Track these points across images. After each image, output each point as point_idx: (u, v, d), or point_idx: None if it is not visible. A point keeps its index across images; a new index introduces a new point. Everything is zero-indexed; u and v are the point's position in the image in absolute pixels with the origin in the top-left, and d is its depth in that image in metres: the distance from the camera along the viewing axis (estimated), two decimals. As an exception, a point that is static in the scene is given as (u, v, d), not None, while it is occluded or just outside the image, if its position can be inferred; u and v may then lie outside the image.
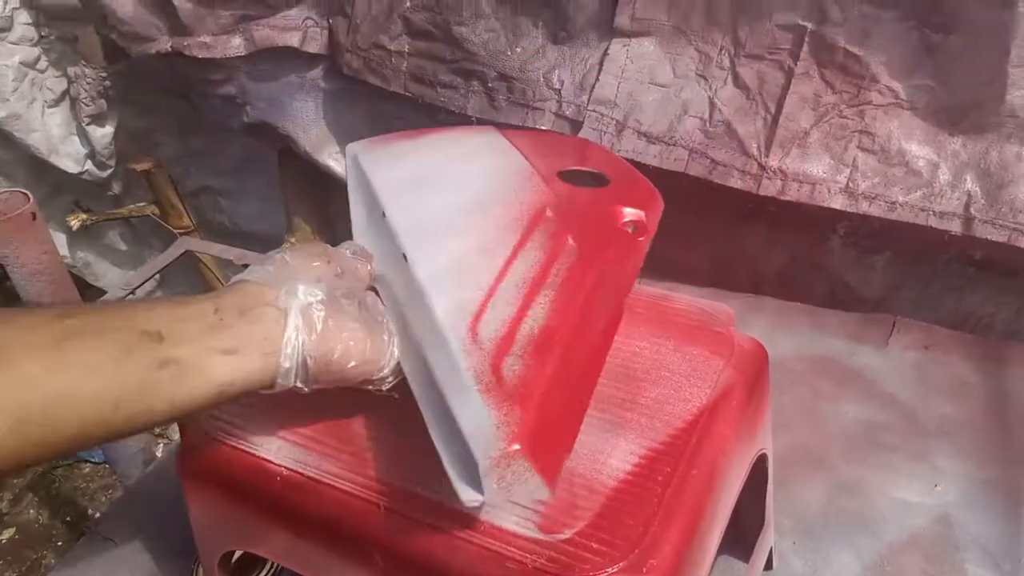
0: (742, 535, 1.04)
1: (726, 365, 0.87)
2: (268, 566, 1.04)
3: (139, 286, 1.80)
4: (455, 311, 0.73)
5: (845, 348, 1.40)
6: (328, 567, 0.81)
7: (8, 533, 2.22)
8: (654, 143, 1.35)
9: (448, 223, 0.83)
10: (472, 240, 0.80)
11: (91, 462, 2.39)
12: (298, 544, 0.81)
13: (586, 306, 0.76)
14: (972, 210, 1.23)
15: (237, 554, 1.04)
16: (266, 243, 1.98)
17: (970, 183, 1.23)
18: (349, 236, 1.89)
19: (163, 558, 1.20)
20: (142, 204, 1.95)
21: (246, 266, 1.78)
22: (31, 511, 2.27)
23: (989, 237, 1.23)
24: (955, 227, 1.24)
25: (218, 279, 2.10)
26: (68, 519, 2.26)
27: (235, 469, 0.82)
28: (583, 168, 0.96)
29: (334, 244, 1.93)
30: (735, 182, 1.32)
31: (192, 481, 0.86)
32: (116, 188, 1.93)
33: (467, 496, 0.64)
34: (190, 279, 2.19)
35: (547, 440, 0.66)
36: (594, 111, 1.37)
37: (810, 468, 1.22)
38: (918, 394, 1.32)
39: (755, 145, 1.30)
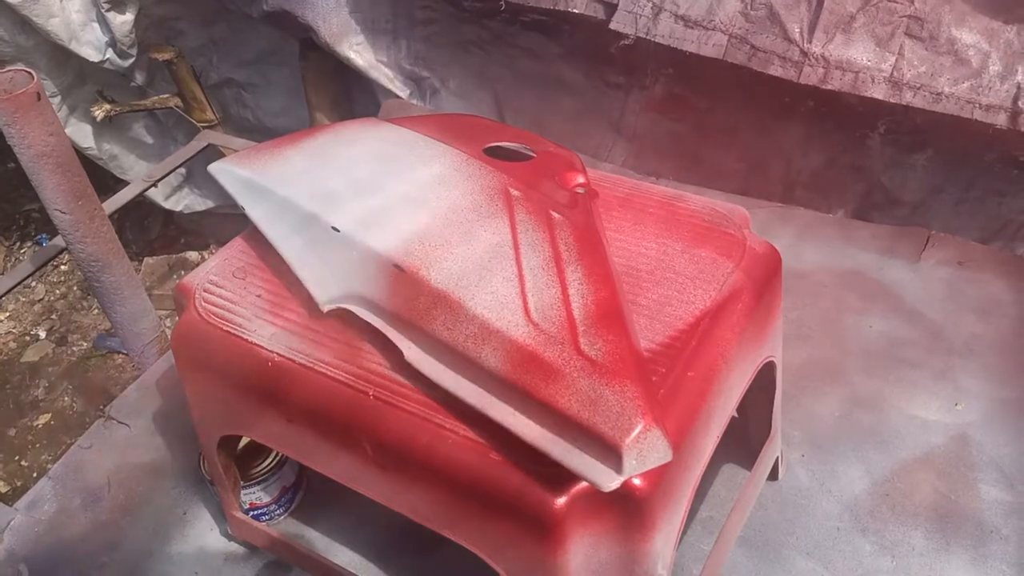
0: (748, 444, 1.02)
1: (735, 268, 0.83)
2: (273, 454, 1.05)
3: (161, 179, 1.79)
4: (499, 306, 0.70)
5: (875, 262, 1.35)
6: (318, 453, 0.81)
7: (44, 419, 2.28)
8: (692, 27, 1.28)
9: (424, 224, 0.78)
10: (458, 234, 0.76)
11: (123, 353, 2.44)
12: (289, 430, 0.81)
13: (607, 269, 0.74)
14: (1021, 103, 1.16)
15: (244, 442, 1.05)
16: (290, 139, 1.95)
17: (1021, 75, 1.16)
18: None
19: (173, 442, 1.22)
20: (165, 96, 1.92)
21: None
22: (65, 398, 2.33)
23: (1037, 132, 1.16)
24: (1001, 121, 1.18)
25: (244, 175, 2.08)
26: (101, 407, 2.32)
27: (228, 354, 0.81)
28: (503, 144, 0.91)
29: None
30: (775, 70, 1.25)
31: (187, 364, 0.86)
32: (140, 79, 1.90)
33: (607, 480, 0.62)
34: (216, 175, 2.18)
35: (656, 402, 0.65)
36: (628, -5, 1.31)
37: (826, 381, 1.19)
38: (947, 311, 1.27)
39: (798, 30, 1.23)
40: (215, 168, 0.93)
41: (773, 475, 1.07)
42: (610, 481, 0.61)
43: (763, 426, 0.99)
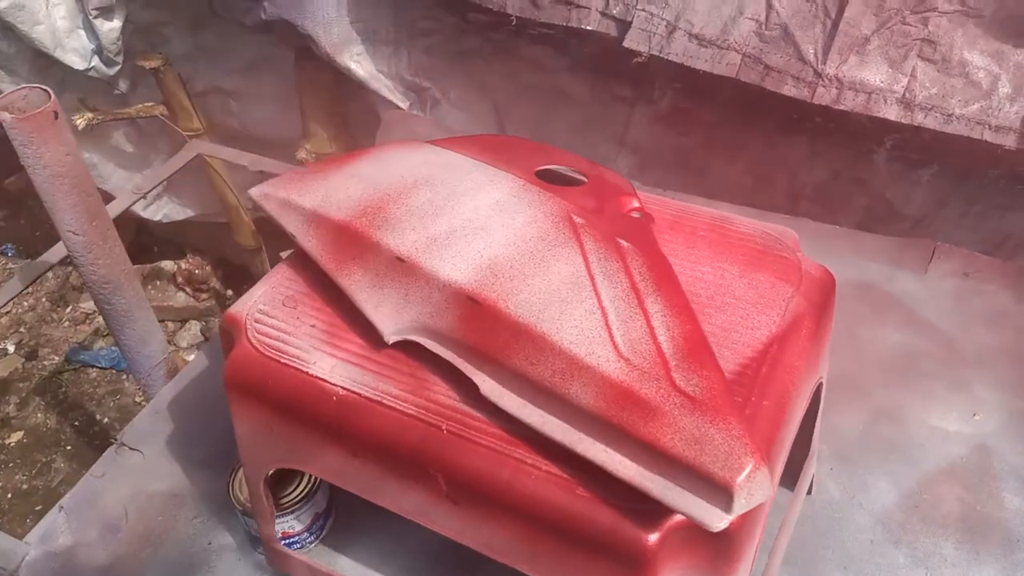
0: (789, 463, 1.03)
1: (795, 293, 0.84)
2: (306, 482, 1.03)
3: (150, 191, 1.75)
4: (585, 340, 0.69)
5: (884, 273, 1.37)
6: (383, 488, 0.80)
7: (16, 436, 2.20)
8: (706, 46, 1.29)
9: (493, 254, 0.77)
10: (530, 264, 0.75)
11: (97, 367, 2.37)
12: (352, 464, 0.79)
13: (685, 299, 0.74)
14: None
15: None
16: (278, 149, 1.91)
17: (1030, 96, 1.20)
18: (366, 145, 1.83)
19: (190, 468, 1.19)
20: (150, 104, 1.86)
21: (260, 173, 1.74)
22: (39, 415, 2.25)
23: (1044, 153, 1.20)
24: (1010, 142, 1.21)
25: (227, 185, 2.03)
26: (76, 424, 2.25)
27: (287, 387, 0.79)
28: (555, 167, 0.91)
29: (350, 151, 1.86)
30: (788, 89, 1.27)
31: (240, 397, 0.83)
32: (123, 86, 1.84)
33: (714, 520, 0.62)
34: (198, 185, 2.12)
35: (758, 439, 0.65)
36: (643, 11, 1.30)
37: (849, 394, 1.21)
38: (957, 322, 1.30)
39: (812, 51, 1.24)
40: (258, 193, 0.91)
41: (808, 491, 1.08)
42: (719, 521, 0.61)
43: (804, 444, 1.00)
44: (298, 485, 1.03)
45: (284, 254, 1.49)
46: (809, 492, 1.09)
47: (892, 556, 1.04)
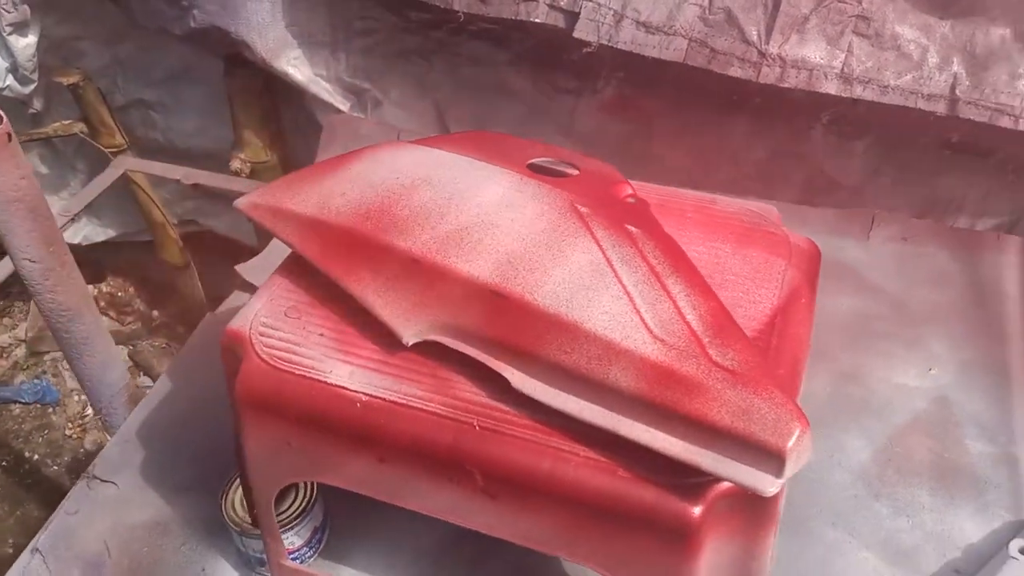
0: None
1: (787, 265, 0.87)
2: (303, 496, 1.01)
3: (78, 212, 1.67)
4: (618, 325, 0.70)
5: (830, 243, 1.43)
6: (412, 490, 0.79)
7: (-68, 482, 2.08)
8: (653, 33, 1.32)
9: (508, 248, 0.77)
10: (548, 255, 0.76)
11: (20, 402, 2.24)
12: (379, 470, 0.78)
13: (702, 277, 0.77)
14: (957, 92, 1.27)
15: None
16: (207, 160, 1.86)
17: (956, 65, 1.28)
18: (304, 152, 1.80)
19: (172, 495, 1.14)
20: (68, 122, 1.78)
21: (196, 186, 1.69)
22: (-44, 458, 2.13)
23: (972, 117, 1.28)
24: (941, 108, 1.29)
25: (153, 201, 1.96)
26: (3, 463, 2.13)
27: (305, 398, 0.78)
28: (544, 160, 0.92)
29: (288, 160, 1.83)
30: (735, 71, 1.31)
31: (254, 414, 0.81)
32: (37, 105, 1.75)
33: (767, 485, 0.64)
34: (119, 203, 2.04)
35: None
36: (591, 1, 1.33)
37: (814, 359, 1.25)
38: (903, 284, 1.37)
39: (755, 32, 1.29)
40: (246, 204, 0.88)
41: (793, 454, 1.13)
42: (771, 486, 0.63)
43: (792, 410, 1.05)
44: (295, 500, 1.01)
45: (240, 267, 1.46)
46: (792, 456, 1.14)
47: (875, 508, 1.09)
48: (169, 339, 2.38)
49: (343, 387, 0.77)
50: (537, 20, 1.35)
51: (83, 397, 2.21)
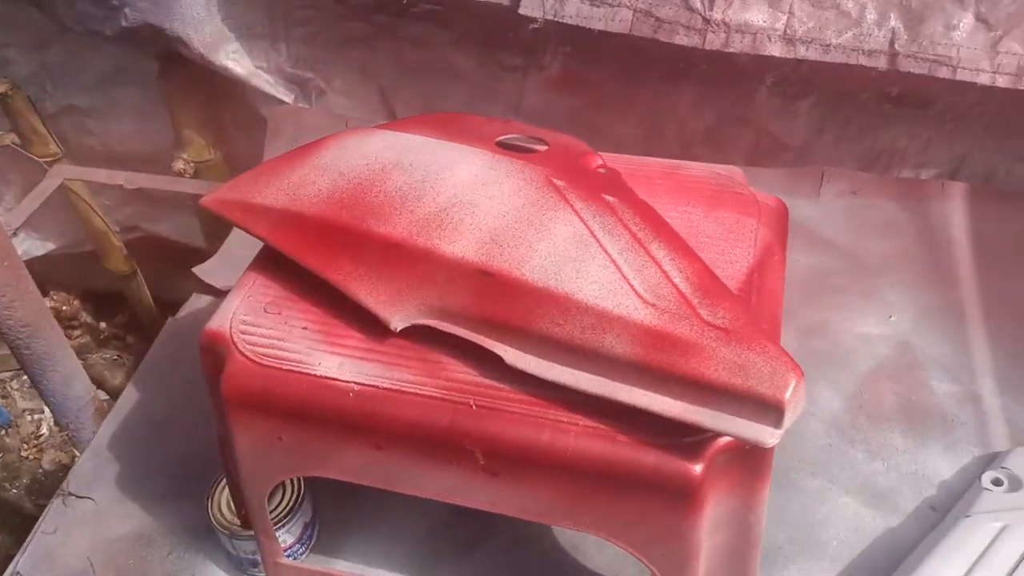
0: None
1: (758, 224, 0.89)
2: (291, 493, 1.00)
3: (20, 227, 1.62)
4: (609, 293, 0.71)
5: (783, 201, 1.47)
6: (410, 475, 0.79)
7: None
8: (598, 6, 1.33)
9: (490, 226, 0.77)
10: (531, 230, 0.76)
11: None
12: (376, 458, 0.78)
13: (683, 240, 0.78)
14: (896, 46, 1.31)
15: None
16: (148, 164, 1.80)
17: (894, 20, 1.31)
18: (249, 147, 1.77)
19: (153, 504, 1.12)
20: (-1, 133, 1.72)
21: (139, 190, 1.64)
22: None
23: (911, 70, 1.31)
24: (882, 64, 1.32)
25: (93, 210, 1.90)
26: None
27: (295, 393, 0.77)
28: (511, 136, 0.92)
29: (232, 157, 1.79)
30: (681, 39, 1.33)
31: (243, 413, 0.80)
32: (-38, 118, 1.68)
33: (768, 437, 0.65)
34: (57, 214, 1.97)
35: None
36: (535, -21, 1.33)
37: (779, 316, 1.29)
38: (855, 237, 1.41)
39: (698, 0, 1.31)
40: (212, 201, 0.87)
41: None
42: (772, 437, 0.65)
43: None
44: (283, 498, 1.00)
45: (198, 269, 1.43)
46: (767, 411, 1.17)
47: (851, 455, 1.13)
48: (120, 350, 2.32)
49: (334, 378, 0.76)
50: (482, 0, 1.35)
51: (36, 417, 2.14)
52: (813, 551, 1.02)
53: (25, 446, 2.14)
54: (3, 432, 2.17)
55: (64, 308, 2.35)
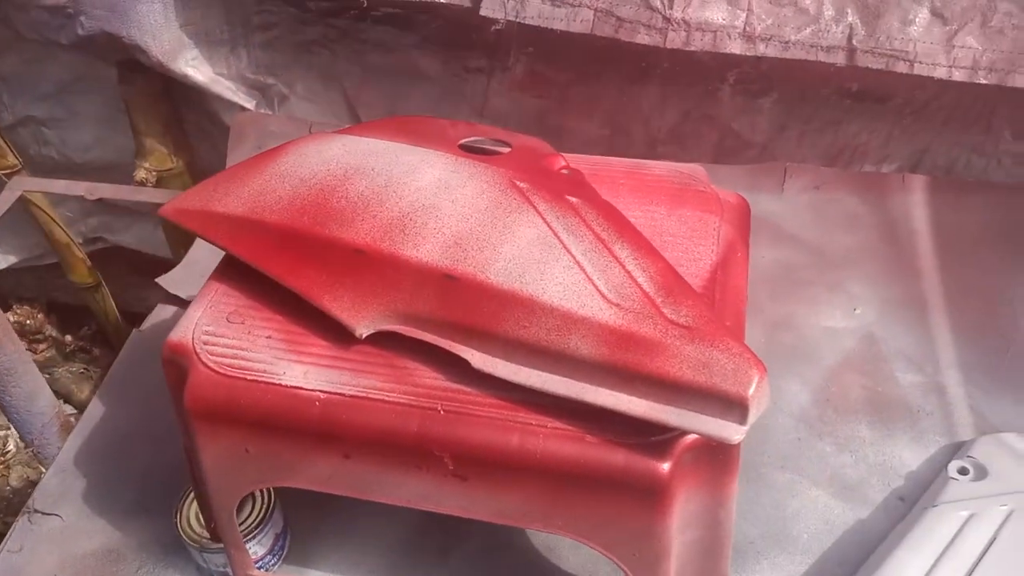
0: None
1: (720, 222, 0.90)
2: (260, 503, 0.99)
3: (-22, 239, 1.59)
4: (573, 294, 0.71)
5: (746, 199, 1.48)
6: (379, 483, 0.79)
7: None
8: (559, 6, 1.33)
9: (453, 230, 0.77)
10: (495, 233, 0.76)
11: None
12: (344, 466, 0.77)
13: (646, 239, 0.78)
14: (854, 42, 1.33)
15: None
16: (109, 173, 1.78)
17: (851, 16, 1.33)
18: (211, 155, 1.75)
19: (121, 520, 1.11)
20: (-46, 146, 1.68)
21: (100, 201, 1.62)
22: None
23: (869, 66, 1.33)
24: (840, 59, 1.34)
25: (54, 221, 1.87)
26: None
27: (260, 403, 0.76)
28: (473, 139, 0.92)
29: (195, 165, 1.78)
30: (642, 38, 1.33)
31: (207, 425, 0.79)
32: (-85, 132, 1.65)
33: (733, 434, 0.65)
34: (16, 227, 1.94)
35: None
36: (495, -20, 1.33)
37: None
38: (819, 231, 1.43)
39: (658, -1, 1.32)
40: (171, 210, 0.85)
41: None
42: (737, 434, 0.65)
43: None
44: (253, 509, 0.99)
45: (161, 279, 1.41)
46: (736, 407, 1.18)
47: (819, 448, 1.14)
48: (86, 363, 2.29)
49: (299, 387, 0.75)
50: (442, 0, 1.34)
51: (3, 433, 2.10)
52: (784, 545, 1.03)
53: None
54: (-31, 449, 2.14)
55: (28, 322, 2.31)
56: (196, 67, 1.54)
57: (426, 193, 0.80)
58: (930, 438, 1.14)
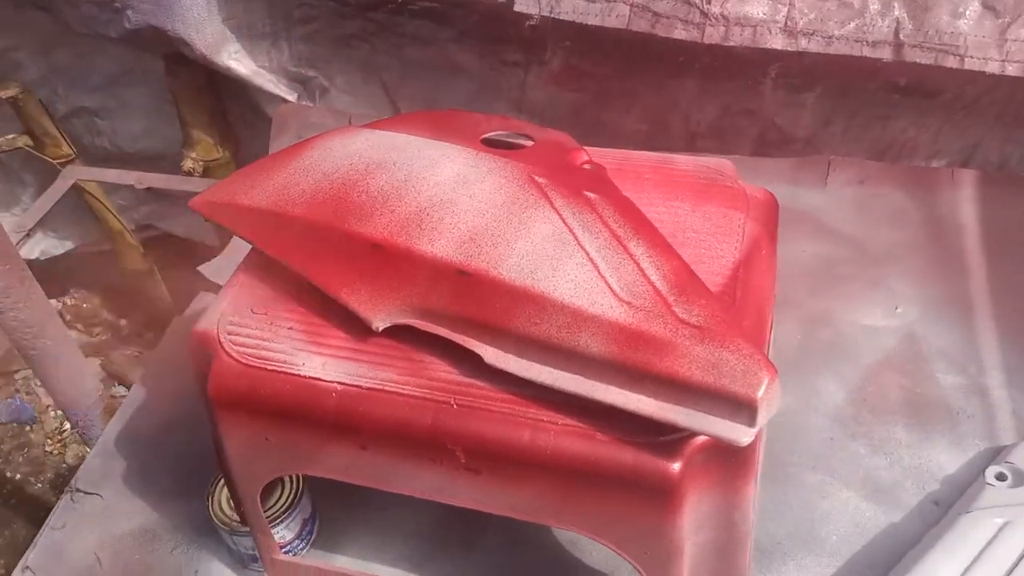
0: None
1: (746, 218, 0.88)
2: (289, 489, 1.01)
3: (32, 227, 1.64)
4: (585, 292, 0.70)
5: (787, 192, 1.43)
6: (395, 474, 0.80)
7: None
8: (594, 1, 1.32)
9: (469, 225, 0.77)
10: (509, 229, 0.76)
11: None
12: (361, 457, 0.78)
13: (662, 237, 0.77)
14: (901, 36, 1.28)
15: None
16: (159, 163, 1.83)
17: (898, 9, 1.29)
18: (256, 145, 1.78)
19: (155, 501, 1.14)
20: (12, 136, 1.73)
21: (150, 189, 1.66)
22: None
23: (918, 60, 1.29)
24: (886, 55, 1.30)
25: (108, 209, 1.93)
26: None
27: (279, 393, 0.77)
28: (497, 133, 0.92)
29: (240, 155, 1.81)
30: (679, 33, 1.31)
31: (229, 413, 0.81)
32: (-25, 122, 1.71)
33: (742, 436, 0.65)
34: (74, 214, 2.00)
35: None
36: (530, -26, 1.32)
37: (781, 307, 1.26)
38: (862, 226, 1.39)
39: (696, -8, 1.30)
40: (201, 203, 0.87)
41: (768, 403, 1.14)
42: (745, 436, 0.65)
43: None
44: (282, 494, 1.01)
45: (202, 268, 1.44)
46: (768, 405, 1.16)
47: (853, 449, 1.11)
48: (140, 347, 2.35)
49: (317, 378, 0.77)
50: (475, -5, 1.34)
51: (60, 412, 2.18)
52: (812, 546, 1.01)
53: (49, 441, 2.19)
54: (28, 428, 2.22)
55: (85, 306, 2.39)
56: (239, 60, 1.56)
57: (444, 188, 0.80)
58: (969, 442, 1.10)
